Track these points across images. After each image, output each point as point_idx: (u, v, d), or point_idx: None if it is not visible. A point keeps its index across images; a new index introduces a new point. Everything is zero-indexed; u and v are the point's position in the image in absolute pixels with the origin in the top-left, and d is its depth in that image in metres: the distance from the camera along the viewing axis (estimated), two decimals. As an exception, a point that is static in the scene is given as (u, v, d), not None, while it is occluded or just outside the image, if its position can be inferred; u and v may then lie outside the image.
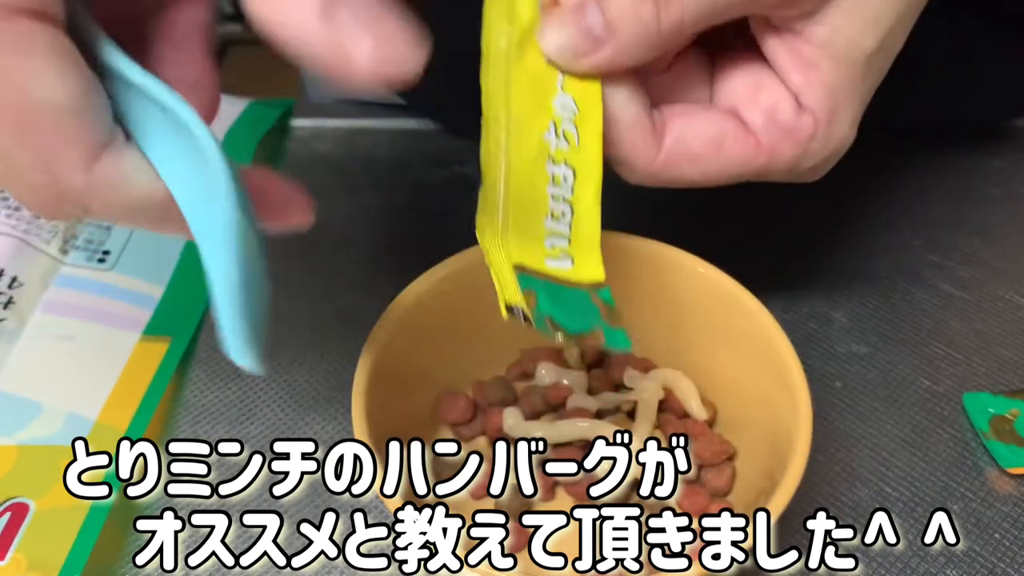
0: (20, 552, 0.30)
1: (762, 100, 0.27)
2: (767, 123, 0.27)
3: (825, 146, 0.27)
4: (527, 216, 0.26)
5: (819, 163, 0.28)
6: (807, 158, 0.27)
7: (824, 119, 0.26)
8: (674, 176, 0.27)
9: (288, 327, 0.39)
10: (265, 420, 0.35)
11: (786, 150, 0.27)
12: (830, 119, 0.26)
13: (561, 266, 0.26)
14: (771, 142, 0.27)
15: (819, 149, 0.27)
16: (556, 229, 0.26)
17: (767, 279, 0.41)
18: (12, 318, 0.37)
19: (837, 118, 0.27)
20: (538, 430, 0.31)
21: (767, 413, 0.29)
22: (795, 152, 0.27)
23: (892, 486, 0.33)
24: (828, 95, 0.26)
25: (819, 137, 0.27)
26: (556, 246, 0.26)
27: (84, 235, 0.42)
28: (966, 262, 0.42)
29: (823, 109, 0.26)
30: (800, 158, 0.27)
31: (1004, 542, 0.31)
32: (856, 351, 0.38)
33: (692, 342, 0.33)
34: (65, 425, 0.34)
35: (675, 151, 0.27)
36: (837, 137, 0.27)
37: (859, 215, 0.45)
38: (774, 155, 0.27)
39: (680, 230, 0.33)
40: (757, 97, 0.27)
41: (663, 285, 0.32)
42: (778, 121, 0.26)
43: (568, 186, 0.26)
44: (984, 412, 0.35)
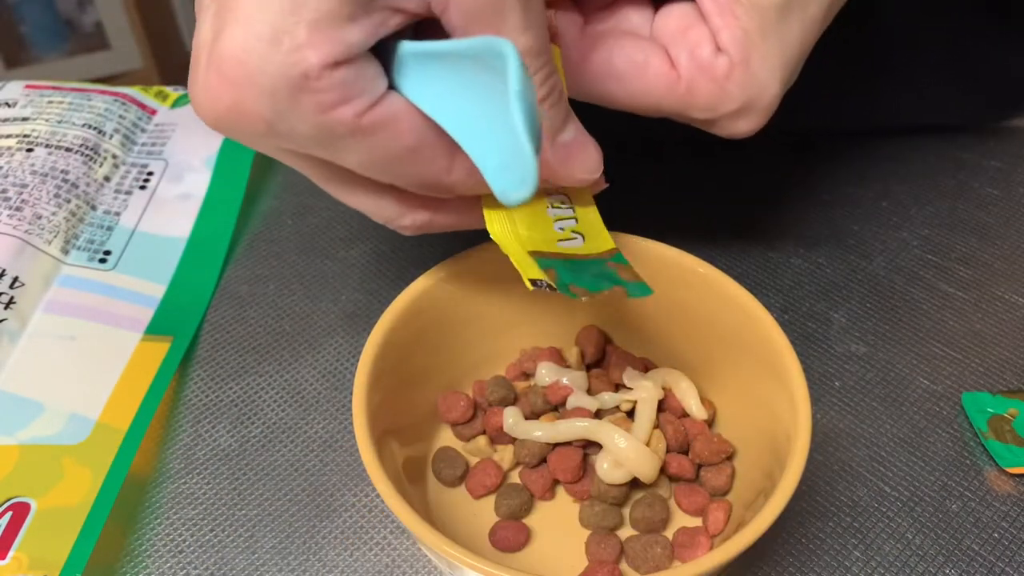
0: (21, 551, 0.30)
1: (688, 38, 0.29)
2: (687, 58, 0.29)
3: (742, 89, 0.29)
4: (532, 206, 0.28)
5: (739, 107, 0.29)
6: (724, 99, 0.29)
7: (738, 60, 0.28)
8: (600, 93, 0.29)
9: (288, 326, 0.39)
10: (265, 420, 0.35)
11: (703, 85, 0.29)
12: (745, 61, 0.28)
13: (573, 245, 0.28)
14: (689, 76, 0.29)
15: (736, 91, 0.29)
16: (560, 214, 0.29)
17: (766, 279, 0.41)
18: (13, 318, 0.37)
19: (753, 62, 0.28)
20: (538, 430, 0.31)
21: (766, 413, 0.30)
22: (711, 88, 0.29)
23: (891, 486, 0.33)
24: (743, 37, 0.28)
25: (735, 79, 0.28)
26: (565, 228, 0.28)
27: (85, 235, 0.42)
28: (964, 262, 0.42)
29: (737, 50, 0.28)
30: (718, 96, 0.29)
31: (1003, 542, 0.31)
32: (855, 351, 0.38)
33: (691, 342, 0.33)
34: (66, 425, 0.34)
35: (601, 66, 0.29)
36: (756, 83, 0.29)
37: (858, 215, 0.45)
38: (692, 88, 0.29)
39: (679, 231, 0.33)
40: (685, 36, 0.29)
41: (662, 285, 0.32)
42: (696, 56, 0.29)
43: None
44: (983, 412, 0.35)
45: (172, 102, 0.51)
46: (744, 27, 0.28)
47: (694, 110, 0.29)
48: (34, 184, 0.42)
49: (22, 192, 0.41)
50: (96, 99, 0.48)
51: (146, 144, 0.47)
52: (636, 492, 0.31)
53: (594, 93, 0.30)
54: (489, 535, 0.30)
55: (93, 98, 0.48)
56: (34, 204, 0.41)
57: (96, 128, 0.46)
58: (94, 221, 0.42)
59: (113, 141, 0.46)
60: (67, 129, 0.45)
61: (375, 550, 0.31)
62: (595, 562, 0.29)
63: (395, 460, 0.29)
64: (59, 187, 0.42)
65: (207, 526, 0.32)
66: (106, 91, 0.49)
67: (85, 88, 0.49)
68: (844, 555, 0.31)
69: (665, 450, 0.31)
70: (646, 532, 0.30)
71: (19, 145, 0.44)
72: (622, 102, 0.30)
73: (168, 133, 0.48)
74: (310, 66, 0.21)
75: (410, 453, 0.31)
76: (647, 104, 0.29)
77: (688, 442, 0.32)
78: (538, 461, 0.31)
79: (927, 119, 0.48)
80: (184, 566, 0.31)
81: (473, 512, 0.31)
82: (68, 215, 0.42)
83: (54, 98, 0.48)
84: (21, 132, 0.45)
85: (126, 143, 0.47)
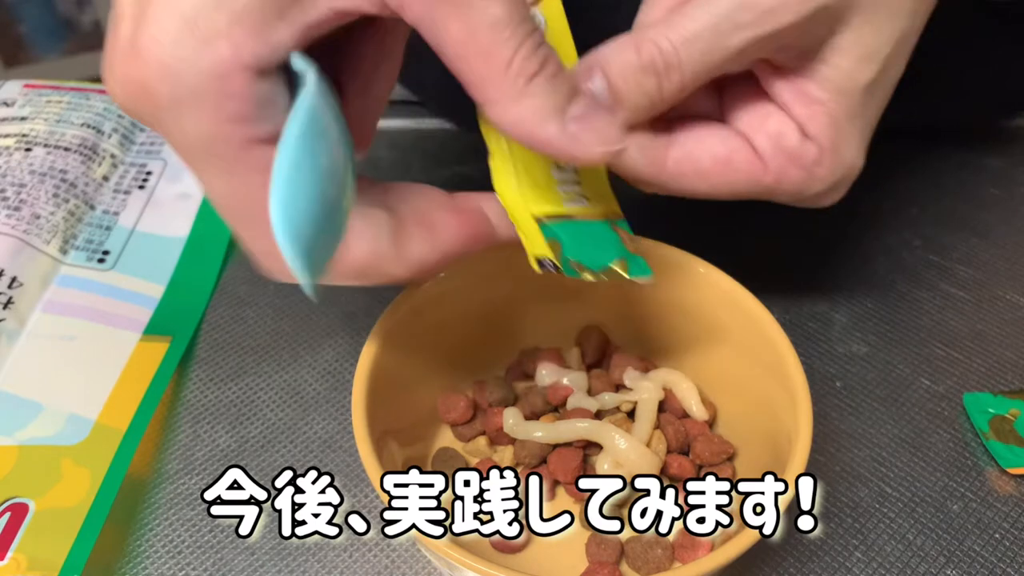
0: (20, 552, 0.30)
1: (769, 127, 0.28)
2: (773, 147, 0.28)
3: (832, 172, 0.28)
4: (535, 170, 0.28)
5: (827, 188, 0.29)
6: (814, 183, 0.28)
7: (828, 147, 0.27)
8: (682, 188, 0.28)
9: (288, 326, 0.39)
10: (265, 420, 0.35)
11: (792, 173, 0.28)
12: (834, 147, 0.28)
13: (578, 205, 0.28)
14: (777, 165, 0.28)
15: (826, 175, 0.28)
16: (564, 177, 0.28)
17: (767, 279, 0.41)
18: (12, 318, 0.37)
19: (841, 145, 0.28)
20: (538, 430, 0.31)
21: (767, 413, 0.29)
22: (801, 175, 0.28)
23: (892, 486, 0.33)
24: (831, 124, 0.27)
25: (825, 163, 0.28)
26: (569, 191, 0.28)
27: (84, 235, 0.42)
28: (966, 262, 0.42)
29: (827, 137, 0.27)
30: (807, 182, 0.28)
31: (1004, 542, 0.31)
32: (856, 351, 0.38)
33: (692, 342, 0.33)
34: (65, 425, 0.34)
35: (684, 165, 0.28)
36: (844, 164, 0.28)
37: (859, 215, 0.45)
38: (780, 177, 0.28)
39: (680, 231, 0.33)
40: (764, 124, 0.28)
41: (663, 286, 0.32)
42: (784, 146, 0.28)
43: None
44: (984, 412, 0.35)
45: (171, 101, 0.51)
46: (832, 113, 0.27)
47: (781, 195, 0.29)
48: (32, 184, 0.42)
49: (20, 192, 0.41)
50: (95, 98, 0.48)
51: (145, 143, 0.47)
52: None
53: (675, 189, 0.28)
54: (489, 536, 0.30)
55: (92, 97, 0.48)
56: (32, 204, 0.41)
57: (95, 127, 0.46)
58: (93, 221, 0.42)
59: (112, 140, 0.46)
60: (66, 128, 0.45)
61: (375, 551, 0.31)
62: (595, 563, 0.29)
63: (395, 460, 0.29)
64: (58, 187, 0.42)
65: (206, 527, 0.32)
66: (105, 90, 0.49)
67: (84, 87, 0.49)
68: (845, 556, 0.31)
69: (666, 451, 0.31)
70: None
71: (17, 145, 0.44)
72: (706, 194, 0.29)
73: (167, 132, 0.48)
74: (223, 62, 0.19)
75: (410, 453, 0.31)
76: (732, 194, 0.29)
77: (689, 443, 0.32)
78: (538, 462, 0.31)
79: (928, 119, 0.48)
80: (183, 567, 0.31)
81: (473, 513, 0.31)
82: (67, 215, 0.41)
83: (53, 97, 0.47)
84: (19, 132, 0.45)
85: (125, 142, 0.47)
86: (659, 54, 0.25)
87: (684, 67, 0.25)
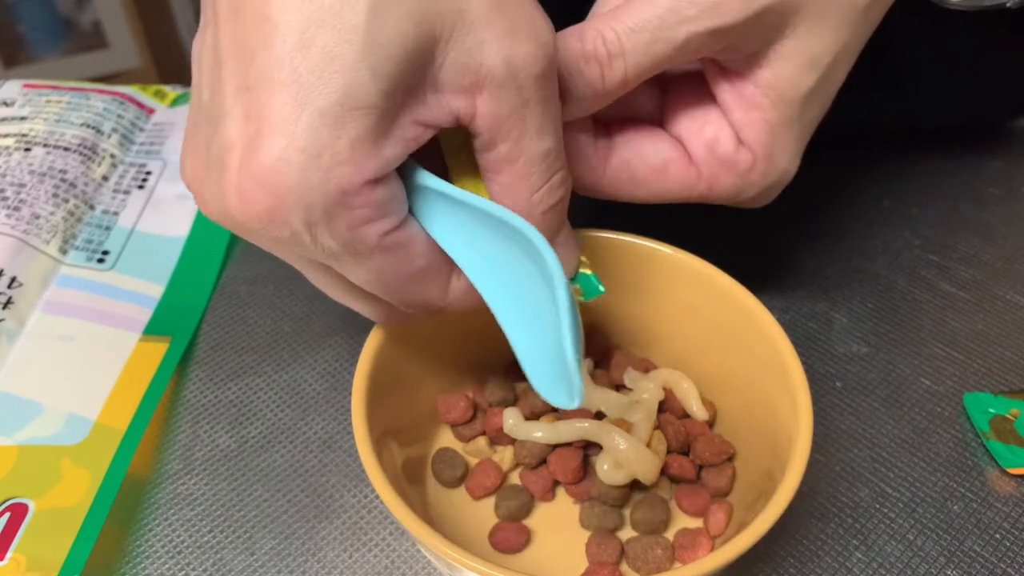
0: (19, 552, 0.29)
1: (705, 133, 0.29)
2: (708, 155, 0.29)
3: (764, 179, 0.29)
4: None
5: (760, 193, 0.30)
6: (747, 188, 0.29)
7: (762, 154, 0.28)
8: (619, 195, 0.30)
9: (287, 326, 0.39)
10: (265, 420, 0.35)
11: (725, 180, 0.29)
12: (769, 154, 0.28)
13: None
14: (710, 172, 0.29)
15: (758, 180, 0.29)
16: None
17: (767, 279, 0.41)
18: (12, 318, 0.37)
19: (776, 152, 0.28)
20: (538, 430, 0.31)
21: (767, 413, 0.29)
22: (734, 182, 0.29)
23: (892, 486, 0.33)
24: (768, 131, 0.28)
25: (758, 170, 0.29)
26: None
27: (83, 235, 0.42)
28: (966, 262, 0.42)
29: (761, 144, 0.28)
30: (740, 188, 0.29)
31: (1004, 542, 0.31)
32: (856, 351, 0.38)
33: (692, 342, 0.33)
34: (65, 425, 0.34)
35: (621, 173, 0.29)
36: (777, 170, 0.29)
37: (859, 215, 0.45)
38: (713, 184, 0.29)
39: (680, 231, 0.33)
40: (702, 130, 0.29)
41: (663, 286, 0.32)
42: (718, 153, 0.28)
43: None
44: (984, 412, 0.35)
45: (171, 101, 0.51)
46: (769, 120, 0.28)
47: (714, 199, 0.30)
48: (32, 184, 0.42)
49: (20, 192, 0.41)
50: (94, 98, 0.48)
51: (144, 143, 0.47)
52: (637, 493, 0.31)
53: (612, 195, 0.30)
54: (489, 536, 0.30)
55: (91, 97, 0.48)
56: (32, 204, 0.41)
57: (94, 127, 0.46)
58: (92, 221, 0.42)
59: (111, 140, 0.46)
60: (65, 128, 0.45)
61: (374, 551, 0.31)
62: (595, 563, 0.29)
63: (394, 461, 0.29)
64: (57, 187, 0.42)
65: (205, 527, 0.32)
66: (104, 90, 0.49)
67: (83, 87, 0.49)
68: (845, 556, 0.31)
69: (666, 451, 0.31)
70: (647, 533, 0.30)
71: (17, 144, 0.44)
72: (643, 200, 0.30)
73: (166, 132, 0.48)
74: (349, 183, 0.21)
75: (410, 454, 0.31)
76: (667, 199, 0.30)
77: (689, 443, 0.32)
78: (538, 462, 0.31)
79: (929, 120, 0.48)
80: (183, 567, 0.30)
81: (473, 513, 0.31)
82: (66, 215, 0.41)
83: (52, 97, 0.47)
84: (19, 131, 0.45)
85: (124, 142, 0.47)
86: (603, 43, 0.26)
87: (627, 57, 0.26)
